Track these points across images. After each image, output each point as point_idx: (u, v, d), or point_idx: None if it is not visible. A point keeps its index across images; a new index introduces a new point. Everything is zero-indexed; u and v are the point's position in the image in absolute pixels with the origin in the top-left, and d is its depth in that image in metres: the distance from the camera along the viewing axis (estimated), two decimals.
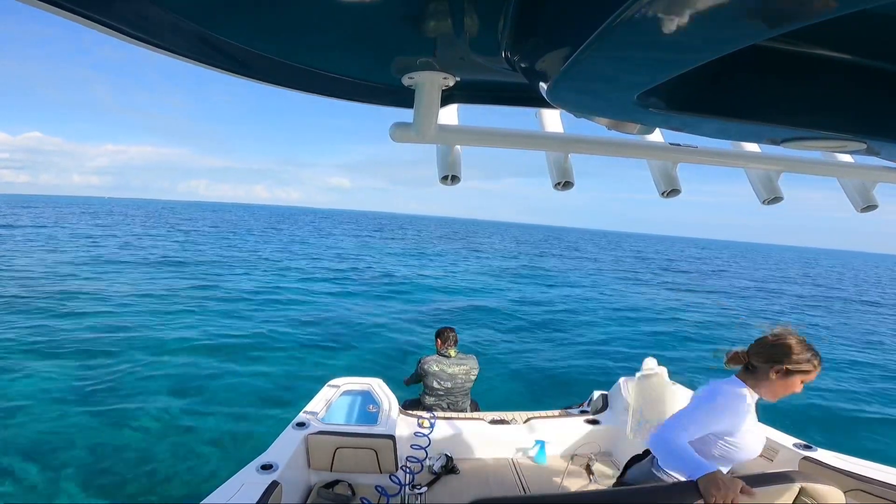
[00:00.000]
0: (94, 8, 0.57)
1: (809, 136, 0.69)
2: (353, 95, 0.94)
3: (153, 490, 4.12)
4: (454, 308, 12.37)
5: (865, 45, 0.56)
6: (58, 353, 7.34)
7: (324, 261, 22.50)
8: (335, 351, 8.41)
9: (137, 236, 29.96)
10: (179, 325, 9.28)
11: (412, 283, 16.78)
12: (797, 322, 11.91)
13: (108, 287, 12.44)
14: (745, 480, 1.42)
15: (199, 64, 0.76)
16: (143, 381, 6.45)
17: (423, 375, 3.91)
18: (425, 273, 20.16)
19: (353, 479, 2.72)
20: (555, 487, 2.85)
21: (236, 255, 22.28)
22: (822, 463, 2.51)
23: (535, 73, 0.63)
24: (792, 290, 23.58)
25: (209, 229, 41.77)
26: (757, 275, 30.51)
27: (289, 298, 12.84)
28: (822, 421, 6.26)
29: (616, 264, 28.83)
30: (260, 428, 5.23)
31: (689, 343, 10.09)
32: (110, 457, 4.59)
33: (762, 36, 0.36)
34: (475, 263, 26.17)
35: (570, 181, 1.27)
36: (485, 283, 18.33)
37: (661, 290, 17.69)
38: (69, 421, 5.26)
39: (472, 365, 3.94)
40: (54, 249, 20.11)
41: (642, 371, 3.00)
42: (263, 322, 9.97)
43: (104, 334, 8.38)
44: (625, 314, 12.40)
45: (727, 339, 10.23)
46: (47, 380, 6.30)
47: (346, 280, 16.60)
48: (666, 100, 0.58)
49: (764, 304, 15.96)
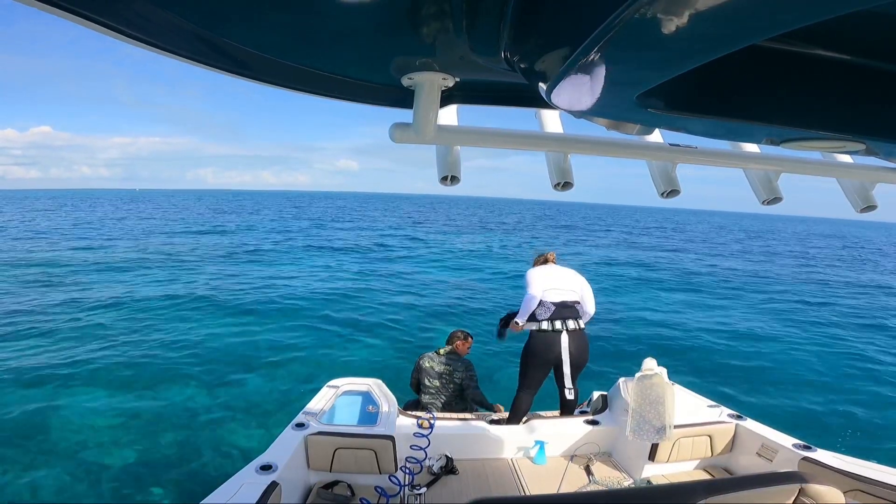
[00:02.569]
0: (93, 8, 0.57)
1: (808, 137, 0.69)
2: (353, 96, 0.94)
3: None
4: (454, 303, 12.34)
5: (865, 45, 0.56)
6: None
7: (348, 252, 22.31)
8: (335, 351, 8.41)
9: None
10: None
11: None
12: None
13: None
14: (746, 480, 1.42)
15: (199, 64, 0.76)
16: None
17: (418, 372, 3.99)
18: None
19: (352, 479, 2.72)
20: (554, 488, 2.85)
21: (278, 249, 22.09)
22: (821, 463, 2.52)
23: (535, 73, 0.63)
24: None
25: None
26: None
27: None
28: (823, 421, 6.27)
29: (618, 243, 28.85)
30: (259, 430, 5.24)
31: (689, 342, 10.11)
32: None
33: (762, 36, 0.36)
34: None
35: (570, 181, 1.27)
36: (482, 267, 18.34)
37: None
38: (97, 413, 5.32)
39: (459, 367, 3.97)
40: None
41: (642, 371, 3.01)
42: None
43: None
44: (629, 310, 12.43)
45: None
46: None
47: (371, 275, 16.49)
48: (665, 100, 0.58)
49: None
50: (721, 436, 3.07)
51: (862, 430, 6.01)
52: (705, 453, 3.06)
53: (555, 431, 3.27)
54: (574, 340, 3.30)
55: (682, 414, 3.02)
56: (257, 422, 5.49)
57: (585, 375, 3.56)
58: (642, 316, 11.68)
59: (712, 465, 3.15)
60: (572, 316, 3.34)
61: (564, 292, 3.41)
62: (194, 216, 43.61)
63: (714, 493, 1.40)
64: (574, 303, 3.40)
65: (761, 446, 2.91)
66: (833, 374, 8.19)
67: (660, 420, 2.84)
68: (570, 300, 3.39)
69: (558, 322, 3.29)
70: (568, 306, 3.36)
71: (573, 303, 3.40)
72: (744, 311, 12.85)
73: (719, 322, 11.50)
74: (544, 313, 3.32)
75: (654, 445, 2.93)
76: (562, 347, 3.28)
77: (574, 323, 3.32)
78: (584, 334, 3.37)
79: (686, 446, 3.00)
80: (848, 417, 6.43)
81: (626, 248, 28.32)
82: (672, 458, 2.98)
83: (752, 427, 3.05)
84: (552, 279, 3.45)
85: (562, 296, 3.38)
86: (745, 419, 3.14)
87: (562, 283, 3.45)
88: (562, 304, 3.35)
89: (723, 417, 3.19)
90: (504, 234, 34.17)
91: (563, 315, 3.32)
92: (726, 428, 3.08)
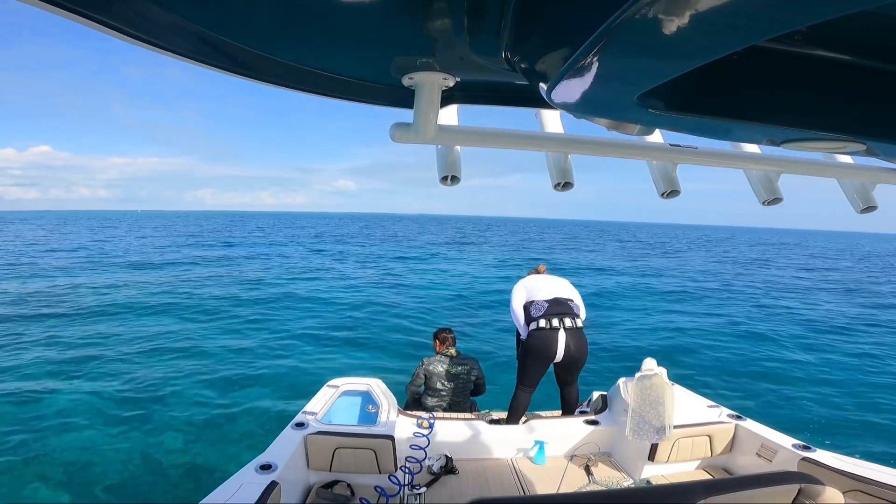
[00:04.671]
0: (93, 7, 0.57)
1: (809, 137, 0.69)
2: (353, 95, 0.94)
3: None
4: (454, 306, 12.36)
5: (865, 45, 0.56)
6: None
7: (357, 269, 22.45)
8: (334, 350, 8.42)
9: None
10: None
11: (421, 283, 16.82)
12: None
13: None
14: (745, 481, 1.42)
15: (199, 64, 0.76)
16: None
17: (426, 377, 3.94)
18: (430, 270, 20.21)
19: (352, 479, 2.72)
20: (554, 488, 2.85)
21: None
22: (820, 463, 2.52)
23: (535, 73, 0.63)
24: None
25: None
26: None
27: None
28: (821, 421, 6.27)
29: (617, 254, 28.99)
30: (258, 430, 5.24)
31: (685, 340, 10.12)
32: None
33: (762, 37, 0.36)
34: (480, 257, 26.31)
35: (570, 182, 1.27)
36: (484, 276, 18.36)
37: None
38: (101, 427, 5.29)
39: (473, 365, 3.98)
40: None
41: (642, 371, 3.00)
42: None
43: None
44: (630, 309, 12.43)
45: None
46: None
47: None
48: (666, 100, 0.58)
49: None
50: (721, 436, 3.07)
51: (862, 430, 6.01)
52: (705, 453, 3.06)
53: (554, 431, 3.27)
54: (572, 338, 3.29)
55: (682, 414, 3.01)
56: (257, 421, 5.49)
57: (585, 375, 3.56)
58: (642, 316, 11.69)
59: (712, 465, 3.15)
60: (568, 313, 3.33)
61: (556, 290, 3.41)
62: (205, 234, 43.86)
63: (714, 493, 1.40)
64: (567, 300, 3.39)
65: (761, 446, 2.91)
66: (833, 374, 8.19)
67: (659, 420, 2.84)
68: (563, 297, 3.39)
69: (555, 319, 3.28)
70: (561, 302, 3.35)
71: (566, 300, 3.39)
72: (744, 311, 12.85)
73: (720, 322, 11.50)
74: (538, 311, 3.31)
75: (654, 445, 2.93)
76: (560, 345, 3.27)
77: (571, 321, 3.31)
78: (582, 333, 3.36)
79: (686, 446, 3.00)
80: (848, 417, 6.44)
81: (624, 258, 28.45)
82: (672, 459, 2.98)
83: (751, 427, 3.05)
84: (539, 283, 3.47)
85: (553, 293, 3.38)
86: (744, 419, 3.14)
87: (550, 285, 3.46)
88: (554, 300, 3.34)
89: (722, 418, 3.19)
90: (512, 250, 34.44)
91: (558, 311, 3.30)
92: (726, 428, 3.08)
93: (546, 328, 3.28)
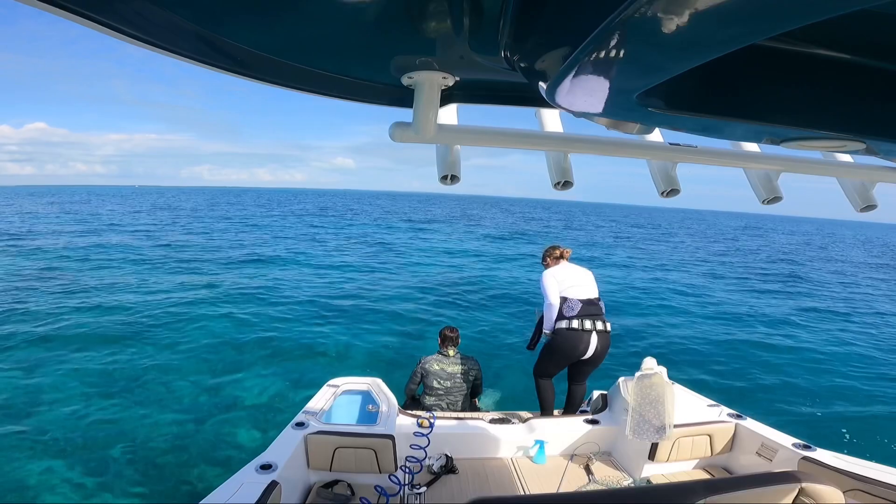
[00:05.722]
0: (93, 7, 0.57)
1: (809, 136, 0.69)
2: (353, 95, 0.94)
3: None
4: (460, 298, 12.34)
5: (865, 45, 0.56)
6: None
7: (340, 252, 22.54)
8: (336, 349, 8.42)
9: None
10: None
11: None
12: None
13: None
14: (745, 480, 1.42)
15: (199, 63, 0.76)
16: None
17: (423, 375, 3.94)
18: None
19: (352, 478, 2.72)
20: (554, 487, 2.86)
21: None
22: (821, 463, 2.52)
23: (535, 72, 0.63)
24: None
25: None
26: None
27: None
28: (823, 421, 6.27)
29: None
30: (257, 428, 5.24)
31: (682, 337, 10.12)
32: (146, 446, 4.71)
33: (762, 35, 0.36)
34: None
35: (570, 181, 1.27)
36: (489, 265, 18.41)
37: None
38: (100, 408, 5.38)
39: (471, 365, 3.98)
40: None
41: (642, 371, 3.01)
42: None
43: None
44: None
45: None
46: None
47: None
48: (666, 99, 0.57)
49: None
50: (721, 435, 3.07)
51: (862, 430, 6.01)
52: (705, 453, 3.07)
53: (555, 431, 3.28)
54: (601, 341, 3.31)
55: (682, 413, 3.02)
56: (257, 421, 5.49)
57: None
58: (642, 317, 11.68)
59: (712, 464, 3.15)
60: (600, 315, 3.33)
61: (587, 289, 3.40)
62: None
63: (714, 492, 1.40)
64: (597, 300, 3.39)
65: (761, 446, 2.91)
66: (833, 374, 8.20)
67: (659, 419, 2.84)
68: (594, 297, 3.39)
69: (588, 321, 3.28)
70: (593, 303, 3.35)
71: (597, 300, 3.39)
72: (743, 313, 12.85)
73: (719, 322, 11.50)
74: (571, 311, 3.30)
75: (654, 445, 2.93)
76: (591, 347, 3.28)
77: (602, 324, 3.32)
78: (609, 336, 3.37)
79: (686, 446, 3.00)
80: (848, 417, 6.44)
81: (625, 247, 28.45)
82: (672, 458, 2.98)
83: (751, 426, 3.05)
84: (572, 277, 3.44)
85: (586, 293, 3.37)
86: (744, 419, 3.14)
87: (582, 280, 3.44)
88: (588, 301, 3.33)
89: (722, 417, 3.19)
90: (519, 233, 34.52)
91: (590, 312, 3.30)
92: (726, 427, 3.08)
93: (579, 329, 3.29)
